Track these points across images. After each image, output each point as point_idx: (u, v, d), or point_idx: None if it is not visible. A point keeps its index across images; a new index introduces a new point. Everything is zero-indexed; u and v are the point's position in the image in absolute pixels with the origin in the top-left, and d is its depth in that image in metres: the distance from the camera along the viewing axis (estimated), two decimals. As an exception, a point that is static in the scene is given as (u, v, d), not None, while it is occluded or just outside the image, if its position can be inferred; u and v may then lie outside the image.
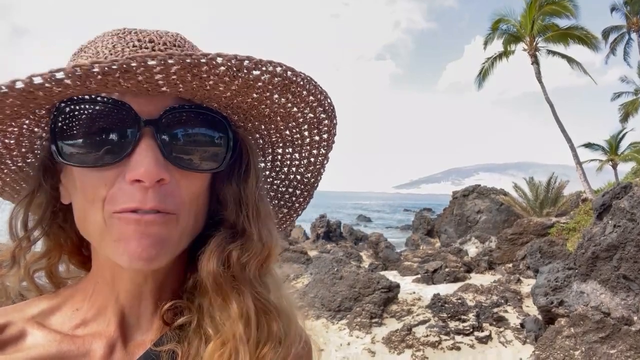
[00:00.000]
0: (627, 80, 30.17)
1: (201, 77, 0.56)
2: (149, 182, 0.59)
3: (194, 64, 0.54)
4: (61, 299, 0.73)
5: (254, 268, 0.70)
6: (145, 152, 0.60)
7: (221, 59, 0.54)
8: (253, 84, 0.60)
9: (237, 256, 0.69)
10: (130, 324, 0.71)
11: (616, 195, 6.40)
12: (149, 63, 0.52)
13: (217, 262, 0.68)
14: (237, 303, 0.67)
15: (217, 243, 0.69)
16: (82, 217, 0.65)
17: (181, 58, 0.53)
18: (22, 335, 0.66)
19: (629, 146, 26.89)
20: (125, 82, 0.55)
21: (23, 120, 0.65)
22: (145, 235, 0.60)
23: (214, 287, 0.68)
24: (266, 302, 0.71)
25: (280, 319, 0.72)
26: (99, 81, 0.54)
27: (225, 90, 0.61)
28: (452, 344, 7.47)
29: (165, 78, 0.55)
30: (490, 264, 13.96)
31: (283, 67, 0.59)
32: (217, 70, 0.56)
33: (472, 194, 21.83)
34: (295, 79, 0.62)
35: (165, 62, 0.53)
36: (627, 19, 28.96)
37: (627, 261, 5.56)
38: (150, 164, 0.59)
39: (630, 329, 5.25)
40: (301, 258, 14.38)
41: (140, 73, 0.54)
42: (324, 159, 0.82)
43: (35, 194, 0.72)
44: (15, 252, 0.71)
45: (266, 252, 0.72)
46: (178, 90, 0.59)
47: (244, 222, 0.71)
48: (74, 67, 0.51)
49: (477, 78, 23.93)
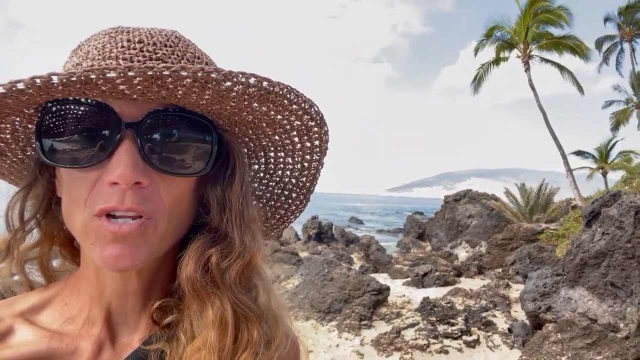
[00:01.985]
0: (620, 89, 30.53)
1: (167, 87, 0.56)
2: (125, 184, 0.59)
3: (156, 76, 0.53)
4: (51, 293, 0.73)
5: (234, 274, 0.68)
6: (123, 155, 0.60)
7: (185, 72, 0.54)
8: (226, 94, 0.59)
9: (217, 261, 0.68)
10: (118, 321, 0.71)
11: (605, 203, 6.47)
12: (107, 75, 0.52)
13: (194, 267, 0.67)
14: (212, 309, 0.66)
15: (196, 247, 0.68)
16: (67, 215, 0.66)
17: (141, 70, 0.52)
18: (10, 331, 0.66)
19: (618, 155, 27.19)
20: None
21: (13, 118, 0.65)
22: (120, 244, 0.60)
23: (191, 292, 0.67)
24: (246, 308, 0.69)
25: (264, 324, 0.71)
26: (62, 92, 0.54)
27: (198, 99, 0.60)
28: (440, 348, 7.48)
29: (130, 88, 0.55)
30: (480, 268, 14.02)
31: (257, 77, 0.58)
32: (183, 82, 0.55)
33: (463, 199, 21.93)
34: (272, 89, 0.61)
35: (125, 74, 0.52)
36: (619, 29, 29.34)
37: (615, 268, 5.62)
38: (126, 167, 0.59)
39: (617, 336, 5.30)
40: (292, 259, 14.35)
41: (101, 84, 0.53)
42: (319, 164, 0.82)
43: (33, 186, 0.72)
44: (10, 243, 0.72)
45: (247, 257, 0.70)
46: (149, 98, 0.59)
47: (227, 227, 0.70)
48: (32, 78, 0.51)
49: (472, 83, 24.12)
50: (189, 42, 0.73)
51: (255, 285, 0.74)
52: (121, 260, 0.60)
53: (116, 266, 0.61)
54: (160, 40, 0.67)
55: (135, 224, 0.61)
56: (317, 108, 0.69)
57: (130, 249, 0.61)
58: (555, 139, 21.19)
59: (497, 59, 22.70)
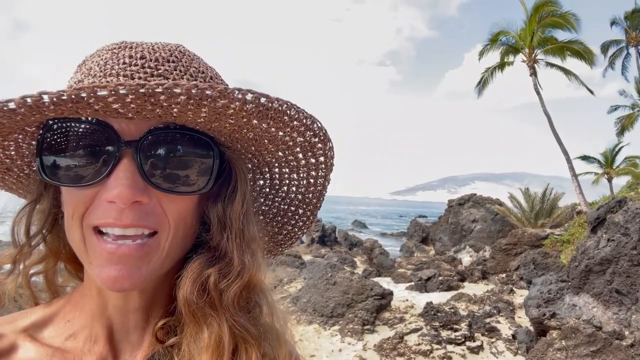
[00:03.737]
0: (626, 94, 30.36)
1: (162, 105, 0.55)
2: (123, 204, 0.59)
3: (148, 94, 0.52)
4: (54, 309, 0.72)
5: (233, 294, 0.67)
6: (121, 173, 0.59)
7: (179, 89, 0.53)
8: (223, 112, 0.58)
9: (214, 281, 0.66)
10: (120, 338, 0.70)
11: (611, 209, 6.43)
12: (98, 93, 0.51)
13: (190, 289, 0.65)
14: (208, 332, 0.65)
15: (194, 267, 0.67)
16: (67, 231, 0.66)
17: (133, 88, 0.51)
18: (13, 348, 0.65)
19: (624, 160, 27.04)
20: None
21: (16, 135, 0.65)
22: (119, 265, 0.60)
23: (188, 314, 0.66)
24: (244, 330, 0.67)
25: (264, 346, 0.70)
26: (54, 111, 0.53)
27: (195, 117, 0.59)
28: (443, 353, 7.45)
29: (124, 107, 0.54)
30: (483, 273, 13.97)
31: (254, 94, 0.57)
32: (177, 100, 0.54)
33: (467, 203, 21.87)
34: (270, 105, 0.59)
35: (117, 92, 0.51)
36: (626, 33, 29.22)
37: (620, 275, 5.57)
38: (124, 187, 0.58)
39: (622, 344, 5.25)
40: (295, 262, 14.35)
41: (93, 103, 0.52)
42: (324, 181, 0.80)
43: (39, 201, 0.72)
44: (16, 258, 0.72)
45: (246, 277, 0.68)
46: (145, 117, 0.58)
47: (226, 245, 0.69)
48: (22, 97, 0.51)
49: (477, 87, 24.07)
50: (193, 56, 0.71)
51: (256, 304, 0.72)
52: (120, 281, 0.60)
53: (114, 287, 0.60)
54: (163, 55, 0.67)
55: (135, 245, 0.60)
56: (319, 124, 0.68)
57: (130, 269, 0.60)
58: (560, 143, 21.09)
59: (501, 64, 22.66)
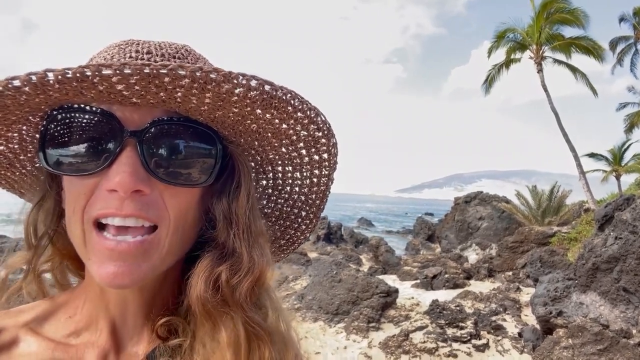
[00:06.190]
0: (635, 90, 30.04)
1: (166, 88, 0.54)
2: (123, 192, 0.58)
3: (153, 74, 0.52)
4: (56, 305, 0.73)
5: (245, 290, 0.66)
6: (123, 162, 0.59)
7: (183, 71, 0.52)
8: (227, 98, 0.57)
9: (226, 278, 0.66)
10: (122, 333, 0.71)
11: (618, 207, 6.38)
12: (103, 72, 0.51)
13: (204, 287, 0.65)
14: (226, 330, 0.65)
15: (204, 265, 0.67)
16: (68, 226, 0.66)
17: (137, 68, 0.51)
18: (15, 342, 0.65)
19: (633, 157, 26.76)
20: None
21: (20, 126, 0.66)
22: (118, 262, 0.60)
23: (203, 313, 0.65)
24: (258, 327, 0.68)
25: (274, 343, 0.70)
26: (58, 90, 0.53)
27: (199, 104, 0.58)
28: (449, 351, 7.43)
29: (128, 89, 0.54)
30: (490, 271, 13.90)
31: (259, 80, 0.56)
32: (181, 82, 0.54)
33: (474, 201, 21.78)
34: (275, 93, 0.59)
35: (121, 72, 0.51)
36: (635, 29, 28.88)
37: (628, 274, 5.53)
38: (125, 174, 0.58)
39: (629, 342, 5.22)
40: (301, 259, 14.36)
41: (98, 82, 0.52)
42: (328, 180, 0.79)
43: (44, 200, 0.72)
44: (31, 260, 0.73)
45: (257, 273, 0.68)
46: (149, 102, 0.58)
47: (234, 242, 0.68)
48: (27, 74, 0.51)
49: (484, 84, 23.93)
50: (199, 55, 0.72)
51: (263, 305, 0.72)
52: (119, 277, 0.60)
53: (113, 284, 0.60)
54: (170, 52, 0.67)
55: (135, 242, 0.60)
56: (323, 117, 0.67)
57: (130, 266, 0.60)
58: (568, 141, 20.92)
59: (508, 61, 22.49)
